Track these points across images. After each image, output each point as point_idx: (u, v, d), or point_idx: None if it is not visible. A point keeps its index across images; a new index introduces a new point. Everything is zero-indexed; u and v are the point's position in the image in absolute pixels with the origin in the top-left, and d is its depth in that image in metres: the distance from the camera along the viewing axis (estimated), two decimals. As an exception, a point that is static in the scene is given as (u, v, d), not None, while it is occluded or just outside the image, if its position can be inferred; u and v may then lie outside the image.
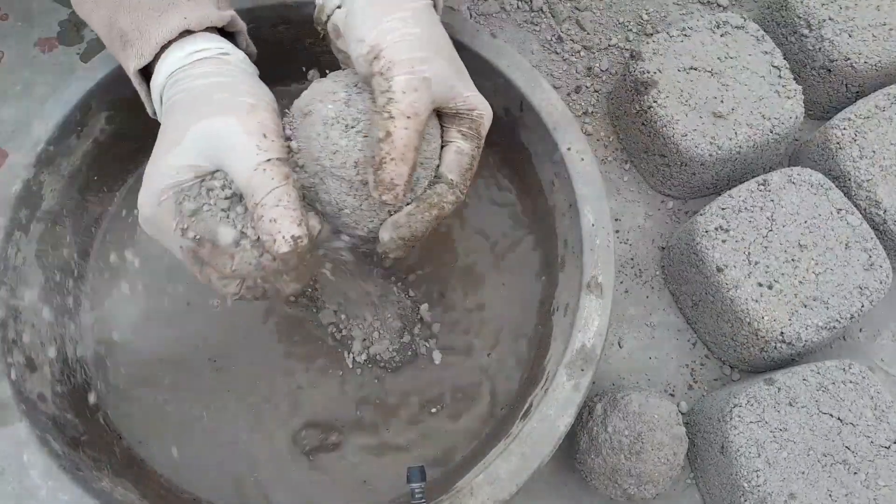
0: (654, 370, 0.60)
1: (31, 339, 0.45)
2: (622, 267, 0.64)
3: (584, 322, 0.43)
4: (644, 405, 0.49)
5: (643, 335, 0.61)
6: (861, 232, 0.55)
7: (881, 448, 0.49)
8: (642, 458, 0.48)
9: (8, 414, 0.40)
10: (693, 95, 0.60)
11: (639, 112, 0.63)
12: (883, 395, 0.51)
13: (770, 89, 0.61)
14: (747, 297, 0.53)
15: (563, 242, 0.49)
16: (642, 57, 0.62)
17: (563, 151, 0.48)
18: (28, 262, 0.46)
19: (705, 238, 0.55)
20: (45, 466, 0.39)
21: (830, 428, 0.50)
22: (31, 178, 0.46)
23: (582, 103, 0.70)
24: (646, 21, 0.74)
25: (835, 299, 0.53)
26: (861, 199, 0.59)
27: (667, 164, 0.63)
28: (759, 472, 0.48)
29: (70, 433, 0.43)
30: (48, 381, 0.45)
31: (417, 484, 0.40)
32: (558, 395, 0.41)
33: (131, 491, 0.43)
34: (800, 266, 0.54)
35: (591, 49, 0.72)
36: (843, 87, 0.66)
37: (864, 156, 0.59)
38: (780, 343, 0.53)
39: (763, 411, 0.50)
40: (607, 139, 0.69)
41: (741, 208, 0.56)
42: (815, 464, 0.49)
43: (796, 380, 0.51)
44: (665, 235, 0.65)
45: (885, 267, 0.55)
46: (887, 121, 0.61)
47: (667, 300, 0.63)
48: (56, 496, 0.38)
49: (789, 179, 0.57)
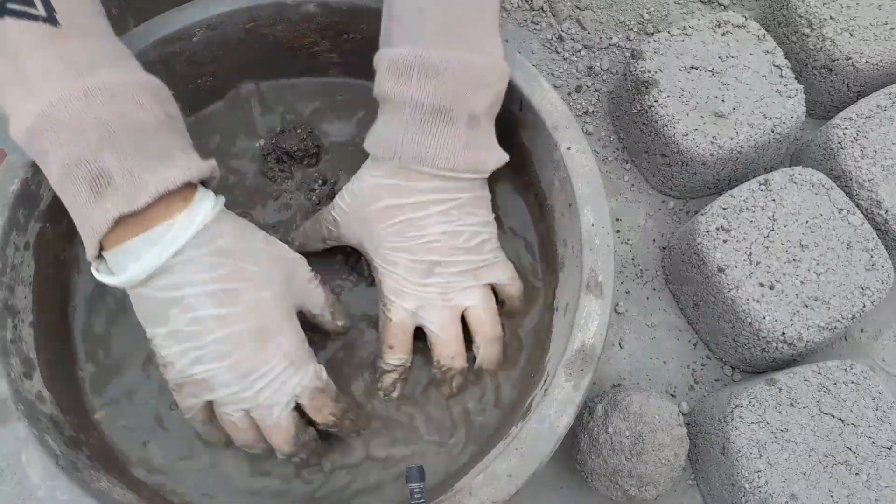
0: (654, 371, 0.60)
1: (30, 338, 0.45)
2: (623, 267, 0.64)
3: (584, 322, 0.43)
4: (645, 406, 0.49)
5: (644, 336, 0.61)
6: (862, 232, 0.55)
7: (883, 449, 0.49)
8: (643, 459, 0.48)
9: (7, 413, 0.40)
10: (694, 95, 0.60)
11: (639, 111, 0.62)
12: (884, 396, 0.51)
13: (771, 89, 0.61)
14: (748, 297, 0.53)
15: (562, 242, 0.49)
16: (643, 56, 0.62)
17: (562, 151, 0.47)
18: (26, 262, 0.46)
19: (706, 238, 0.55)
20: (44, 466, 0.39)
21: (832, 428, 0.49)
22: (30, 177, 0.45)
23: (582, 102, 0.70)
24: (646, 20, 0.74)
25: (836, 299, 0.53)
26: (863, 198, 0.59)
27: (668, 164, 0.62)
28: (761, 472, 0.48)
29: (68, 433, 0.43)
30: (48, 381, 0.45)
31: (416, 484, 0.40)
32: (558, 395, 0.41)
33: (130, 491, 0.43)
34: (801, 266, 0.54)
35: (591, 48, 0.72)
36: (845, 86, 0.66)
37: (866, 155, 0.59)
38: (782, 343, 0.53)
39: (764, 412, 0.50)
40: (608, 139, 0.69)
41: (742, 208, 0.56)
42: (816, 464, 0.48)
43: (797, 380, 0.51)
44: (666, 235, 0.65)
45: (887, 267, 0.54)
46: (889, 120, 0.60)
47: (667, 300, 0.63)
48: (54, 496, 0.38)
49: (791, 179, 0.57)
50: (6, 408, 0.40)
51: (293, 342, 0.42)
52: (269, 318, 0.41)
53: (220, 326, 0.39)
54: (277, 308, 0.41)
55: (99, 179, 0.36)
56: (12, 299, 0.44)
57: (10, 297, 0.44)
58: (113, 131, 0.36)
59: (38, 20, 0.36)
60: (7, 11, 0.35)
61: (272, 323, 0.41)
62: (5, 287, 0.44)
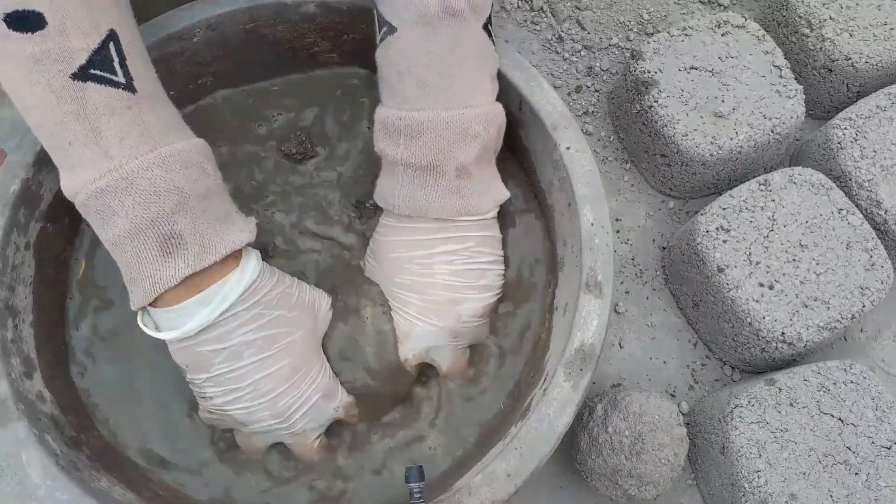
0: (654, 370, 0.60)
1: (31, 338, 0.45)
2: (622, 267, 0.64)
3: (583, 321, 0.43)
4: (645, 406, 0.49)
5: (644, 335, 0.61)
6: (862, 232, 0.55)
7: (882, 448, 0.49)
8: (643, 459, 0.48)
9: (7, 413, 0.40)
10: (694, 95, 0.60)
11: (639, 112, 0.62)
12: (884, 396, 0.51)
13: (771, 89, 0.61)
14: (748, 297, 0.53)
15: (561, 242, 0.49)
16: (643, 56, 0.62)
17: (562, 151, 0.48)
18: (27, 262, 0.46)
19: (706, 238, 0.55)
20: (44, 466, 0.39)
21: (831, 428, 0.49)
22: (30, 177, 0.46)
23: (582, 103, 0.70)
24: (646, 20, 0.74)
25: (836, 299, 0.53)
26: (862, 199, 0.59)
27: (667, 164, 0.62)
28: (760, 472, 0.48)
29: (69, 433, 0.43)
30: (48, 381, 0.45)
31: (416, 484, 0.40)
32: (557, 394, 0.41)
33: (130, 490, 0.43)
34: (801, 266, 0.54)
35: (591, 49, 0.72)
36: (844, 86, 0.66)
37: (865, 156, 0.59)
38: (781, 343, 0.53)
39: (764, 412, 0.50)
40: (608, 139, 0.69)
41: (742, 208, 0.56)
42: (816, 464, 0.48)
43: (797, 380, 0.51)
44: (666, 235, 0.65)
45: (886, 267, 0.54)
46: (888, 120, 0.60)
47: (667, 300, 0.63)
48: (54, 495, 0.38)
49: (790, 179, 0.57)
50: (6, 408, 0.40)
51: (324, 375, 0.45)
52: (302, 356, 0.44)
53: (259, 370, 0.42)
54: (308, 346, 0.44)
55: (171, 240, 0.38)
56: (13, 299, 0.44)
57: (11, 297, 0.44)
58: (187, 196, 0.39)
59: (119, 87, 0.38)
60: (90, 77, 0.37)
61: (305, 360, 0.44)
62: (6, 287, 0.44)
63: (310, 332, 0.45)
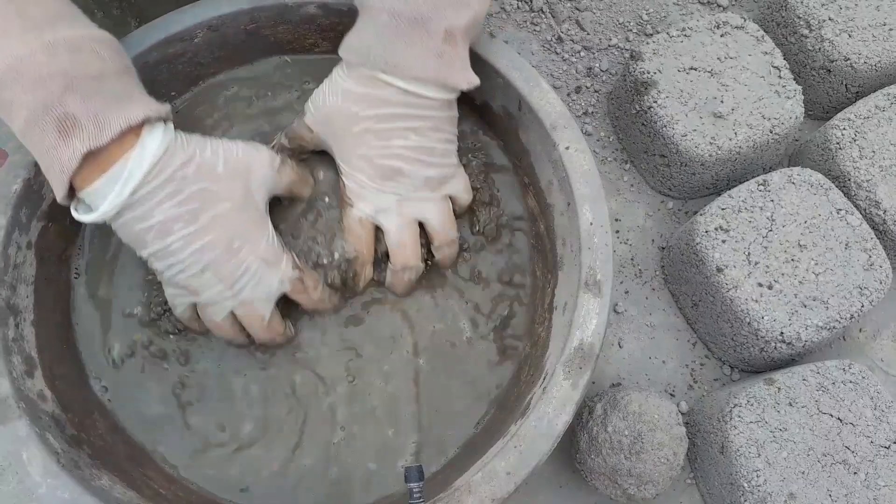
0: (654, 370, 0.60)
1: (32, 337, 0.45)
2: (622, 267, 0.64)
3: (583, 320, 0.43)
4: (644, 405, 0.49)
5: (643, 335, 0.61)
6: (861, 232, 0.55)
7: (881, 448, 0.49)
8: (642, 458, 0.48)
9: (8, 412, 0.40)
10: (693, 96, 0.60)
11: (639, 112, 0.63)
12: (883, 395, 0.51)
13: (770, 89, 0.61)
14: (747, 297, 0.53)
15: (561, 241, 0.49)
16: (642, 57, 0.62)
17: (561, 151, 0.48)
18: (28, 261, 0.46)
19: (705, 238, 0.56)
20: (45, 464, 0.39)
21: (830, 428, 0.50)
22: (32, 177, 0.46)
23: (582, 103, 0.70)
24: (646, 21, 0.74)
25: (834, 299, 0.53)
26: (861, 199, 0.59)
27: (667, 165, 0.63)
28: (759, 471, 0.48)
29: (69, 431, 0.44)
30: (49, 380, 0.45)
31: (415, 483, 0.40)
32: (556, 393, 0.41)
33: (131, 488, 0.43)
34: (799, 266, 0.54)
35: (590, 49, 0.72)
36: (843, 87, 0.66)
37: (864, 156, 0.59)
38: (780, 343, 0.53)
39: (763, 411, 0.50)
40: (607, 139, 0.69)
41: (741, 208, 0.56)
42: (814, 464, 0.49)
43: (796, 380, 0.51)
44: (665, 235, 0.65)
45: (885, 267, 0.54)
46: (887, 121, 0.61)
47: (667, 300, 0.63)
48: (55, 494, 0.38)
49: (789, 180, 0.57)
50: (7, 406, 0.40)
51: (264, 243, 0.45)
52: (235, 227, 0.44)
53: (192, 241, 0.43)
54: (241, 217, 0.44)
55: (65, 122, 0.38)
56: (14, 298, 0.44)
57: (13, 296, 0.44)
58: (74, 78, 0.39)
59: None
60: None
61: (239, 231, 0.44)
62: (7, 286, 0.44)
63: (239, 202, 0.44)
